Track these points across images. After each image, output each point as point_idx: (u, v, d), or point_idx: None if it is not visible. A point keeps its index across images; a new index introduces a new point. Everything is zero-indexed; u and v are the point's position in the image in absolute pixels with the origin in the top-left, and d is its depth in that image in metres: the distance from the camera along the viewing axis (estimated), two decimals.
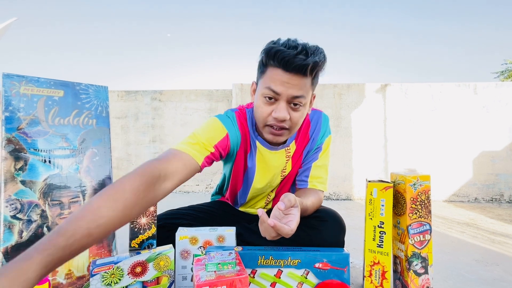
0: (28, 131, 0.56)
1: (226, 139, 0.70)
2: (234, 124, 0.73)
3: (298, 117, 0.66)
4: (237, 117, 0.74)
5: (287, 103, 0.64)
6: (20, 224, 0.55)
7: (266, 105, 0.65)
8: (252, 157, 0.77)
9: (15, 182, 0.54)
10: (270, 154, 0.76)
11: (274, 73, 0.62)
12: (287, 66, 0.60)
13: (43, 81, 0.59)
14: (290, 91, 0.62)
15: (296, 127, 0.68)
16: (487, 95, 2.20)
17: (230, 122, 0.72)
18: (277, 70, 0.61)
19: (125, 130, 2.50)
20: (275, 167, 0.78)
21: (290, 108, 0.64)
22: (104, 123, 0.66)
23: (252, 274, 0.64)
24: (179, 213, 0.81)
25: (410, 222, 0.66)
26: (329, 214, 0.76)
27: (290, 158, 0.79)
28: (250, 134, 0.75)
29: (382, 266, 0.68)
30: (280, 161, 0.78)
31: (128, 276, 0.56)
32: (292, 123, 0.66)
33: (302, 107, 0.65)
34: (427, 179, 0.67)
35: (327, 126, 0.80)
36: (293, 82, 0.61)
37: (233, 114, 0.75)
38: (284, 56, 0.59)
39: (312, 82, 0.65)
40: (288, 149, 0.78)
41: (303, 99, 0.63)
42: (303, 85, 0.62)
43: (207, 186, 2.45)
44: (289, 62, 0.59)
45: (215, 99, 2.46)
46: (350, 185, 2.27)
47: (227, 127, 0.71)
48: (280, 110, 0.63)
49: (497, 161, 2.18)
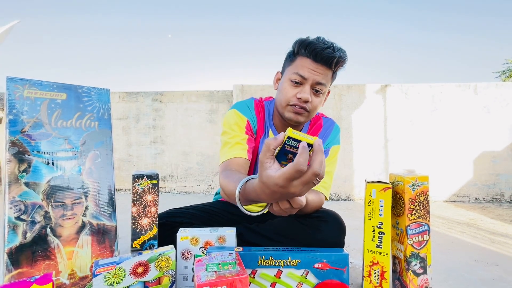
0: (32, 133, 0.57)
1: (248, 124, 0.81)
2: (251, 109, 0.83)
3: (317, 102, 0.75)
4: (255, 104, 0.85)
5: (311, 88, 0.74)
6: (24, 225, 0.56)
7: (292, 87, 0.75)
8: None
9: (19, 184, 0.55)
10: None
11: (303, 61, 0.73)
12: (316, 57, 0.71)
13: (46, 84, 0.60)
14: (315, 77, 0.72)
15: (313, 112, 0.77)
16: (488, 95, 2.20)
17: (247, 108, 0.83)
18: (307, 60, 0.72)
19: (126, 131, 2.51)
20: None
21: (313, 93, 0.74)
22: (106, 125, 0.67)
23: (252, 274, 0.64)
24: (181, 212, 0.82)
25: (408, 223, 0.66)
26: (329, 215, 0.77)
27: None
28: (265, 122, 0.84)
29: (381, 266, 0.68)
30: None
31: (130, 276, 0.57)
32: (312, 106, 0.75)
33: (322, 94, 0.75)
34: (426, 180, 0.67)
35: (336, 135, 0.86)
36: (319, 71, 0.72)
37: (252, 101, 0.85)
38: (316, 48, 0.70)
39: (332, 76, 0.76)
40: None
41: (324, 87, 0.74)
42: (326, 75, 0.73)
43: (208, 186, 2.46)
44: (319, 54, 0.70)
45: (215, 100, 2.47)
46: (351, 186, 2.27)
47: (245, 113, 0.81)
48: (305, 92, 0.73)
49: (498, 161, 2.18)
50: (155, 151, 2.50)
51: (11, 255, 0.54)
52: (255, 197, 0.47)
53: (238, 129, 0.78)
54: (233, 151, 0.74)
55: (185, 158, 2.47)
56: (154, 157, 2.50)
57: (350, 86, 2.28)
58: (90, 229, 0.63)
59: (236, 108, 0.82)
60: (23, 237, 0.55)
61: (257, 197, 0.46)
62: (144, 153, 2.50)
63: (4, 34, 1.82)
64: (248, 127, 0.80)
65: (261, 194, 0.44)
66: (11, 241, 0.54)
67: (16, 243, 0.55)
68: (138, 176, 0.68)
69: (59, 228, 0.59)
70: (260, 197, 0.45)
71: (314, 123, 0.88)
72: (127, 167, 2.50)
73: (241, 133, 0.78)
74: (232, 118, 0.80)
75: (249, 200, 0.50)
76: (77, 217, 0.61)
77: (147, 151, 2.50)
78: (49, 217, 0.58)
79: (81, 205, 0.62)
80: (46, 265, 0.57)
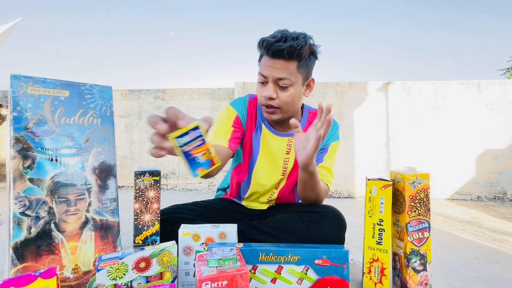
0: (36, 130, 0.58)
1: (238, 118, 0.83)
2: (243, 103, 0.85)
3: (286, 96, 0.74)
4: (249, 100, 0.86)
5: (275, 84, 0.73)
6: (28, 220, 0.56)
7: (260, 88, 0.76)
8: (258, 138, 0.84)
9: (24, 180, 0.56)
10: (273, 139, 0.83)
11: (264, 60, 0.74)
12: (269, 52, 0.71)
13: (49, 81, 0.60)
14: (273, 73, 0.71)
15: (287, 106, 0.75)
16: (491, 93, 2.18)
17: (239, 103, 0.85)
18: (266, 57, 0.73)
19: (128, 128, 2.53)
20: (277, 154, 0.83)
21: (278, 88, 0.73)
22: (108, 123, 0.67)
23: (253, 270, 0.65)
24: (183, 208, 0.83)
25: (409, 220, 0.66)
26: (330, 210, 0.77)
27: (292, 151, 0.84)
28: (257, 117, 0.85)
29: (381, 263, 0.69)
30: (281, 148, 0.83)
31: (132, 271, 0.58)
32: (281, 102, 0.74)
33: (290, 87, 0.73)
34: (426, 177, 0.67)
35: (335, 131, 0.85)
36: (277, 66, 0.71)
37: (247, 98, 0.87)
38: (267, 44, 0.70)
39: (299, 66, 0.72)
40: (291, 139, 0.83)
41: (288, 80, 0.72)
42: (286, 68, 0.71)
43: (209, 184, 2.47)
44: (269, 48, 0.70)
45: (217, 97, 2.47)
46: (352, 184, 2.27)
47: (236, 108, 0.83)
48: (267, 90, 0.73)
49: (501, 159, 2.17)
50: None
51: (16, 250, 0.55)
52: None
53: (225, 122, 0.81)
54: (214, 139, 0.78)
55: None
56: None
57: (352, 83, 2.27)
58: (93, 224, 0.64)
59: (230, 103, 0.86)
60: (27, 232, 0.56)
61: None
62: (146, 151, 2.52)
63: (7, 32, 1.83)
64: (236, 121, 0.82)
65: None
66: (16, 236, 0.55)
67: (21, 238, 0.56)
68: (140, 172, 0.69)
69: (63, 223, 0.60)
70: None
71: (312, 119, 0.87)
72: (130, 165, 2.52)
73: (228, 125, 0.80)
74: (223, 112, 0.84)
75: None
76: (80, 212, 0.62)
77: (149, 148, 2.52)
78: (53, 212, 0.59)
79: (84, 201, 0.63)
80: (50, 260, 0.58)
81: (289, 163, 0.84)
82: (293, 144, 0.81)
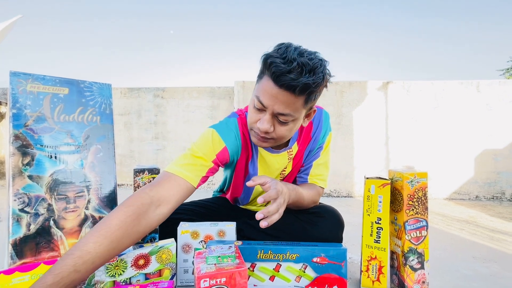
0: (35, 127, 0.58)
1: (225, 151, 0.69)
2: (236, 133, 0.72)
3: (284, 131, 0.63)
4: (239, 124, 0.73)
5: (273, 117, 0.61)
6: (27, 217, 0.57)
7: (255, 113, 0.63)
8: (254, 163, 0.77)
9: (23, 177, 0.56)
10: (272, 158, 0.76)
11: (266, 84, 0.59)
12: (277, 81, 0.56)
13: (48, 79, 0.60)
14: (276, 106, 0.59)
15: (283, 138, 0.66)
16: (490, 93, 2.19)
17: (229, 133, 0.71)
18: (270, 82, 0.58)
19: (128, 127, 2.52)
20: (277, 169, 0.79)
21: (277, 121, 0.62)
22: (107, 120, 0.68)
23: (252, 268, 0.65)
24: (181, 208, 0.83)
25: (407, 219, 0.67)
26: (327, 211, 0.77)
27: (291, 160, 0.79)
28: (251, 141, 0.73)
29: (379, 261, 0.69)
30: (281, 163, 0.78)
31: (131, 268, 0.58)
32: (277, 135, 0.64)
33: (291, 122, 0.63)
34: (424, 176, 0.67)
35: (328, 123, 0.80)
36: (282, 98, 0.58)
37: (235, 121, 0.73)
38: (276, 70, 0.55)
39: (306, 101, 0.60)
40: (290, 151, 0.77)
41: (289, 117, 0.61)
42: (291, 103, 0.59)
43: (208, 182, 2.47)
44: (280, 78, 0.56)
45: (217, 96, 2.47)
46: (351, 183, 2.28)
47: (225, 139, 0.69)
48: (263, 122, 0.61)
49: (500, 159, 2.18)
50: (156, 147, 2.51)
51: (16, 246, 0.55)
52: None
53: (208, 153, 0.67)
54: (186, 170, 0.63)
55: None
56: (156, 153, 2.51)
57: (351, 83, 2.28)
58: (93, 221, 0.64)
59: (218, 131, 0.70)
60: (27, 229, 0.56)
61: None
62: (146, 149, 2.52)
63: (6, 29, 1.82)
64: (220, 155, 0.69)
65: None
66: (15, 233, 0.55)
67: (20, 235, 0.56)
68: (139, 170, 0.69)
69: (62, 220, 0.60)
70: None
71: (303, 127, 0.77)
72: (129, 163, 2.52)
73: (207, 160, 0.67)
74: (208, 140, 0.69)
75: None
76: (79, 210, 0.62)
77: (148, 146, 2.52)
78: (52, 209, 0.59)
79: (83, 198, 0.63)
80: (49, 257, 0.58)
81: (287, 169, 0.82)
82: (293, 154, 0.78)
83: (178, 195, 0.60)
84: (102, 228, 0.48)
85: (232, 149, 0.71)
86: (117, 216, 0.50)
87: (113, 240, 0.48)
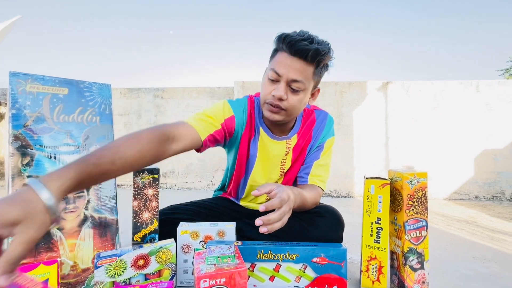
0: (34, 128, 0.58)
1: (232, 119, 0.76)
2: (243, 108, 0.78)
3: (295, 100, 0.69)
4: (248, 103, 0.80)
5: (287, 85, 0.68)
6: None
7: (269, 84, 0.70)
8: (255, 143, 0.81)
9: (22, 177, 0.56)
10: (271, 143, 0.80)
11: (280, 57, 0.68)
12: (291, 49, 0.65)
13: (48, 79, 0.60)
14: (290, 74, 0.66)
15: (293, 110, 0.71)
16: (490, 93, 2.19)
17: (238, 106, 0.78)
18: (284, 54, 0.67)
19: (128, 127, 2.52)
20: (275, 156, 0.81)
21: (290, 90, 0.69)
22: (107, 120, 0.68)
23: (252, 268, 0.65)
24: (181, 208, 0.83)
25: (406, 219, 0.67)
26: (328, 210, 0.78)
27: (290, 151, 0.82)
28: (255, 121, 0.80)
29: (379, 261, 0.69)
30: (280, 151, 0.81)
31: (131, 269, 0.58)
32: (289, 104, 0.69)
33: (301, 92, 0.69)
34: (424, 176, 0.67)
35: (331, 127, 0.84)
36: (295, 66, 0.66)
37: (245, 100, 0.81)
38: (291, 40, 0.65)
39: (315, 72, 0.69)
40: (289, 141, 0.81)
41: (302, 84, 0.68)
42: (303, 71, 0.67)
43: (208, 183, 2.47)
44: (294, 45, 0.65)
45: (217, 96, 2.47)
46: (351, 183, 2.28)
47: (234, 110, 0.76)
48: (279, 89, 0.68)
49: (499, 159, 2.18)
50: None
51: None
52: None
53: (216, 116, 0.73)
54: (198, 123, 0.69)
55: (186, 154, 2.47)
56: None
57: (351, 83, 2.28)
58: (92, 222, 0.64)
59: (229, 102, 0.78)
60: None
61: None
62: None
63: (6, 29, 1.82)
64: (228, 122, 0.75)
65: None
66: None
67: None
68: (139, 170, 0.69)
69: (61, 221, 0.60)
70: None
71: (307, 118, 0.83)
72: None
73: (217, 121, 0.73)
74: (218, 106, 0.76)
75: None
76: (79, 210, 0.62)
77: None
78: None
79: (83, 198, 0.63)
80: (48, 257, 0.58)
81: (286, 163, 0.83)
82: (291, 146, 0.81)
83: (188, 140, 0.66)
84: (134, 137, 0.54)
85: (239, 120, 0.77)
86: (146, 133, 0.56)
87: (142, 150, 0.53)
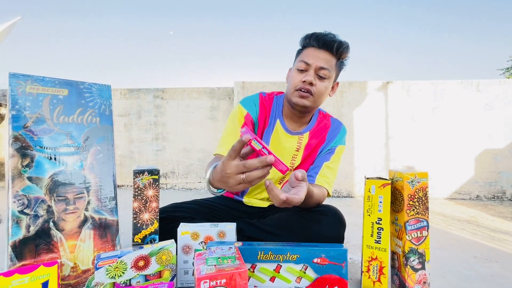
0: (34, 129, 0.58)
1: (248, 116, 0.86)
2: (255, 102, 0.88)
3: (322, 87, 0.79)
4: (260, 98, 0.89)
5: (315, 72, 0.79)
6: (27, 219, 0.56)
7: (299, 74, 0.80)
8: (269, 133, 0.87)
9: (22, 179, 0.56)
10: (284, 136, 0.86)
11: (308, 50, 0.80)
12: (318, 42, 0.78)
13: (48, 80, 0.60)
14: (318, 62, 0.78)
15: (320, 97, 0.81)
16: (490, 93, 2.19)
17: (249, 102, 0.87)
18: (311, 48, 0.80)
19: (128, 127, 2.52)
20: (285, 149, 0.86)
21: (317, 77, 0.79)
22: (107, 121, 0.67)
23: (252, 269, 0.65)
24: (182, 207, 0.83)
25: (407, 219, 0.67)
26: (329, 209, 0.78)
27: (301, 148, 0.87)
28: (271, 113, 0.88)
29: (380, 261, 0.69)
30: (291, 146, 0.86)
31: (131, 270, 0.58)
32: (317, 90, 0.79)
33: (327, 80, 0.80)
34: (425, 176, 0.67)
35: (343, 136, 0.90)
36: (322, 56, 0.78)
37: (257, 96, 0.90)
38: (318, 35, 0.79)
39: (337, 64, 0.81)
40: (301, 137, 0.87)
41: (327, 72, 0.79)
42: (329, 60, 0.79)
43: None
44: (321, 39, 0.78)
45: (217, 97, 2.47)
46: (352, 183, 2.27)
47: (246, 107, 0.86)
48: (310, 75, 0.78)
49: (500, 158, 2.17)
50: (156, 148, 2.51)
51: (15, 248, 0.55)
52: (213, 180, 0.57)
53: (237, 121, 0.84)
54: (222, 146, 0.81)
55: (186, 154, 2.48)
56: (156, 154, 2.51)
57: (351, 83, 2.27)
58: (92, 223, 0.64)
59: (241, 102, 0.88)
60: (26, 231, 0.56)
61: (213, 180, 0.57)
62: (146, 150, 2.51)
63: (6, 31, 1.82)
64: (247, 119, 0.85)
65: (215, 177, 0.55)
66: (14, 234, 0.55)
67: (19, 236, 0.56)
68: (139, 171, 0.69)
69: (61, 222, 0.60)
70: (214, 180, 0.56)
71: (322, 120, 0.90)
72: (129, 164, 2.52)
73: (238, 126, 0.83)
74: (234, 112, 0.87)
75: (215, 183, 0.59)
76: (79, 211, 0.62)
77: (148, 147, 2.51)
78: (52, 211, 0.59)
79: (83, 199, 0.63)
80: (49, 258, 0.58)
81: (296, 159, 0.87)
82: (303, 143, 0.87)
83: None
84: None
85: (252, 112, 0.87)
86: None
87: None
